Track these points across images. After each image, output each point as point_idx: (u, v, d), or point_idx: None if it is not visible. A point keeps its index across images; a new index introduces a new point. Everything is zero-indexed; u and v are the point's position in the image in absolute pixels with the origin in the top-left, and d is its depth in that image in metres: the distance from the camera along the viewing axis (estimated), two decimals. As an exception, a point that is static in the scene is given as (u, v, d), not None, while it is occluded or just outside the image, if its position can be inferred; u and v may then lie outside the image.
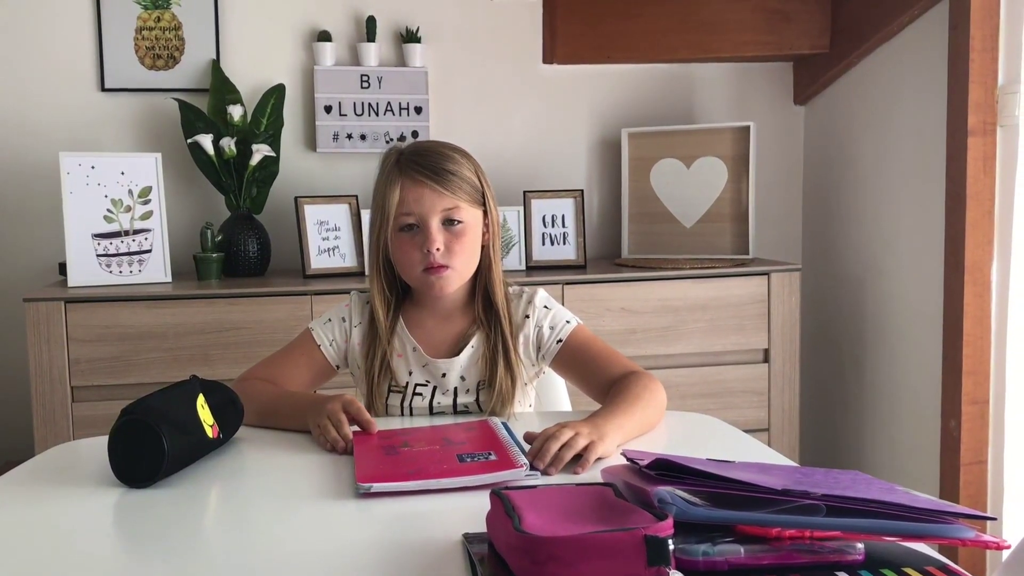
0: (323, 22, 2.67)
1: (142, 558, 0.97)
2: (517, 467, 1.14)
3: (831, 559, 0.82)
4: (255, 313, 2.26)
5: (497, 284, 1.54)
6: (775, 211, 2.95)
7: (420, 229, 1.46)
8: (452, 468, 1.15)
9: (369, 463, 1.18)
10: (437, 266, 1.45)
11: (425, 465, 1.16)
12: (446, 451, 1.22)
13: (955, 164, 2.22)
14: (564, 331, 1.53)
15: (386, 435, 1.31)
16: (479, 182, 1.50)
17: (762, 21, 2.72)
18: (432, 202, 1.45)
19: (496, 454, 1.19)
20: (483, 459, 1.17)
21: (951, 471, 2.24)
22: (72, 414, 2.21)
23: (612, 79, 2.85)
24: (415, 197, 1.45)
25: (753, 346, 2.52)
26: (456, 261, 1.46)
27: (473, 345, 1.53)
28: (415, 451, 1.23)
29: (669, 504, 0.85)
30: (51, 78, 2.58)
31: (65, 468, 1.28)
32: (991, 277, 2.20)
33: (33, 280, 2.52)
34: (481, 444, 1.24)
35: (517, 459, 1.16)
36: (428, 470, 1.14)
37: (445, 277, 1.47)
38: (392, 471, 1.14)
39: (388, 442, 1.27)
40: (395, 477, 1.12)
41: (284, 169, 2.61)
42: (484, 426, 1.34)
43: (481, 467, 1.15)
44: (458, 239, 1.46)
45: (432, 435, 1.31)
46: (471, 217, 1.48)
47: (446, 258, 1.45)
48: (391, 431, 1.35)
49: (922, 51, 2.38)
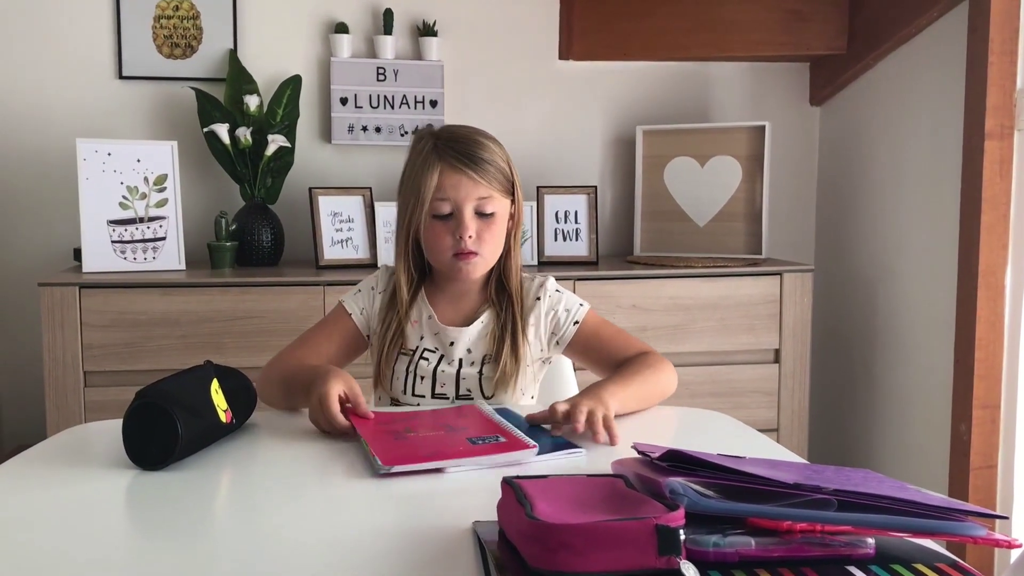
0: (340, 14, 2.68)
1: (154, 539, 0.98)
2: (529, 447, 1.17)
3: (842, 552, 0.82)
4: (268, 302, 2.27)
5: (513, 270, 1.59)
6: (789, 211, 2.94)
7: (454, 215, 1.49)
8: (468, 449, 1.17)
9: (384, 446, 1.19)
10: (467, 252, 1.49)
11: (441, 448, 1.18)
12: (453, 436, 1.24)
13: (971, 167, 2.21)
14: (579, 313, 1.57)
15: (386, 420, 1.33)
16: (510, 172, 1.54)
17: (779, 21, 2.71)
18: (468, 190, 1.48)
19: (504, 436, 1.22)
20: (494, 441, 1.20)
21: (960, 475, 2.24)
22: (84, 399, 2.22)
23: (628, 76, 2.84)
24: (452, 183, 1.48)
25: (764, 346, 2.52)
26: (485, 248, 1.51)
27: (483, 321, 1.57)
28: (422, 436, 1.25)
29: (681, 495, 0.85)
30: (69, 65, 2.59)
31: (78, 450, 1.29)
32: (1005, 281, 2.19)
33: (48, 265, 2.53)
34: (484, 428, 1.27)
35: (526, 440, 1.19)
36: (445, 451, 1.16)
37: (473, 263, 1.51)
38: (410, 453, 1.16)
39: (391, 428, 1.28)
40: (415, 459, 1.14)
41: (299, 160, 2.62)
42: (474, 411, 1.36)
43: (494, 448, 1.18)
44: (488, 227, 1.50)
45: (432, 422, 1.33)
46: (501, 207, 1.52)
47: (476, 245, 1.50)
48: (391, 415, 1.37)
49: (940, 54, 2.37)
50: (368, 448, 1.18)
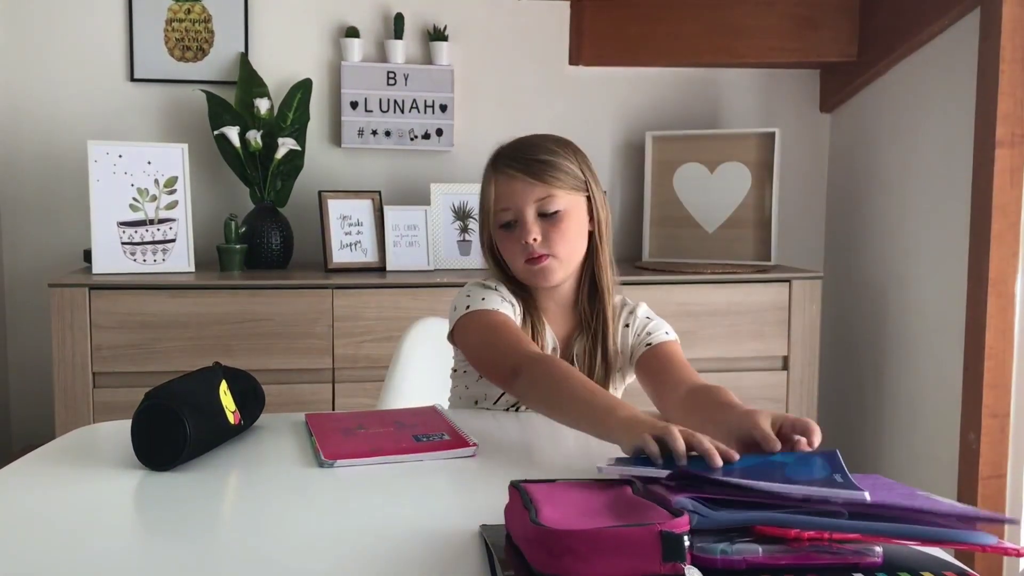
0: (351, 18, 2.68)
1: (162, 539, 0.98)
2: (469, 446, 1.21)
3: (850, 560, 0.81)
4: (276, 305, 2.28)
5: (604, 269, 1.51)
6: (798, 218, 2.94)
7: (518, 222, 1.46)
8: (411, 446, 1.22)
9: (331, 442, 1.24)
10: (537, 256, 1.44)
11: (384, 444, 1.23)
12: (400, 432, 1.28)
13: (981, 175, 2.20)
14: (658, 338, 1.50)
15: (338, 419, 1.37)
16: (579, 170, 1.48)
17: (790, 28, 2.71)
18: (525, 194, 1.44)
19: (448, 435, 1.26)
20: (437, 439, 1.25)
21: (969, 484, 2.23)
22: (93, 400, 2.23)
23: (638, 82, 2.85)
24: (508, 192, 1.46)
25: (773, 353, 2.51)
26: (557, 249, 1.45)
27: (575, 343, 1.50)
28: (371, 432, 1.29)
29: (691, 512, 0.85)
30: (81, 67, 2.60)
31: (86, 450, 1.30)
32: (1015, 290, 2.18)
33: (58, 266, 2.54)
34: (432, 426, 1.30)
35: (468, 439, 1.23)
36: (387, 448, 1.21)
37: (547, 266, 1.45)
38: (354, 449, 1.21)
39: (343, 425, 1.33)
40: (357, 454, 1.19)
41: (309, 163, 2.63)
42: (431, 411, 1.40)
43: (436, 446, 1.22)
44: (555, 227, 1.44)
45: (384, 418, 1.37)
46: (570, 204, 1.46)
47: (545, 247, 1.44)
48: (345, 415, 1.40)
49: (951, 61, 2.37)
50: (315, 443, 1.23)
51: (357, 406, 2.16)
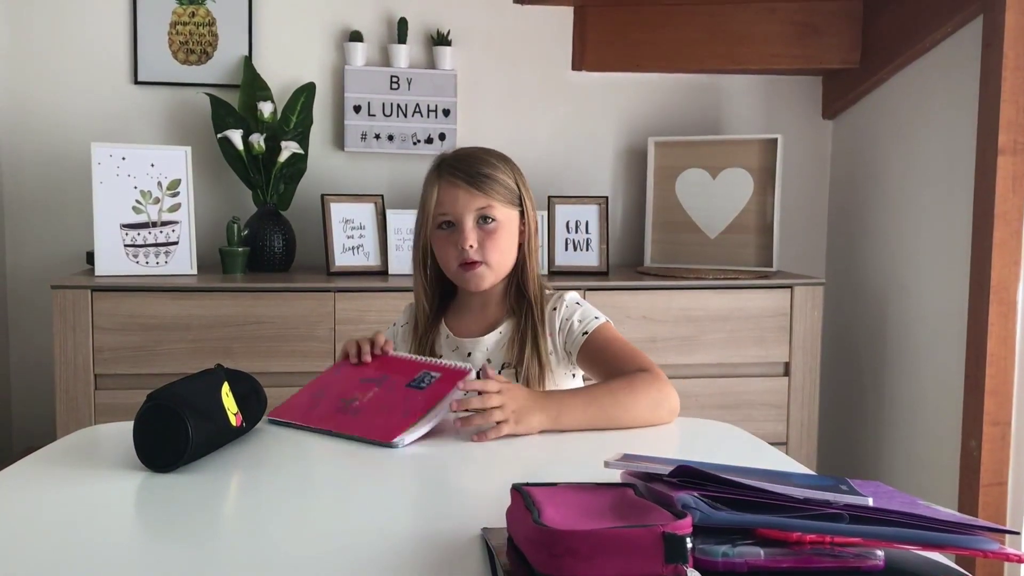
0: (355, 22, 2.69)
1: (163, 541, 0.98)
2: (466, 370, 1.33)
3: (851, 564, 0.81)
4: (279, 308, 2.28)
5: (531, 280, 1.61)
6: (800, 224, 2.94)
7: (456, 227, 1.55)
8: (425, 396, 1.30)
9: (368, 424, 1.29)
10: (470, 262, 1.55)
11: (406, 403, 1.30)
12: (392, 390, 1.34)
13: (983, 183, 2.21)
14: (591, 325, 1.57)
15: (307, 404, 1.40)
16: (515, 185, 1.59)
17: (792, 34, 2.72)
18: (466, 202, 1.54)
19: (436, 371, 1.34)
20: (433, 379, 1.32)
21: (970, 491, 2.22)
22: (94, 402, 2.23)
23: (640, 88, 2.85)
24: (451, 198, 1.55)
25: (774, 359, 2.51)
26: (489, 257, 1.55)
27: (501, 331, 1.60)
28: (370, 400, 1.34)
29: (693, 509, 0.85)
30: (85, 70, 2.61)
31: (87, 452, 1.30)
32: (1017, 297, 2.18)
33: (61, 268, 2.55)
34: (408, 369, 1.38)
35: (459, 366, 1.34)
36: (415, 407, 1.28)
37: (478, 273, 1.56)
38: (393, 420, 1.27)
39: (333, 408, 1.36)
40: (407, 422, 1.25)
41: (311, 167, 2.63)
42: (458, 375, 1.37)
43: (441, 385, 1.31)
44: (490, 236, 1.55)
45: (354, 385, 1.40)
46: (505, 216, 1.57)
47: (479, 254, 1.55)
48: (307, 398, 1.42)
49: (953, 69, 2.37)
50: (359, 437, 1.26)
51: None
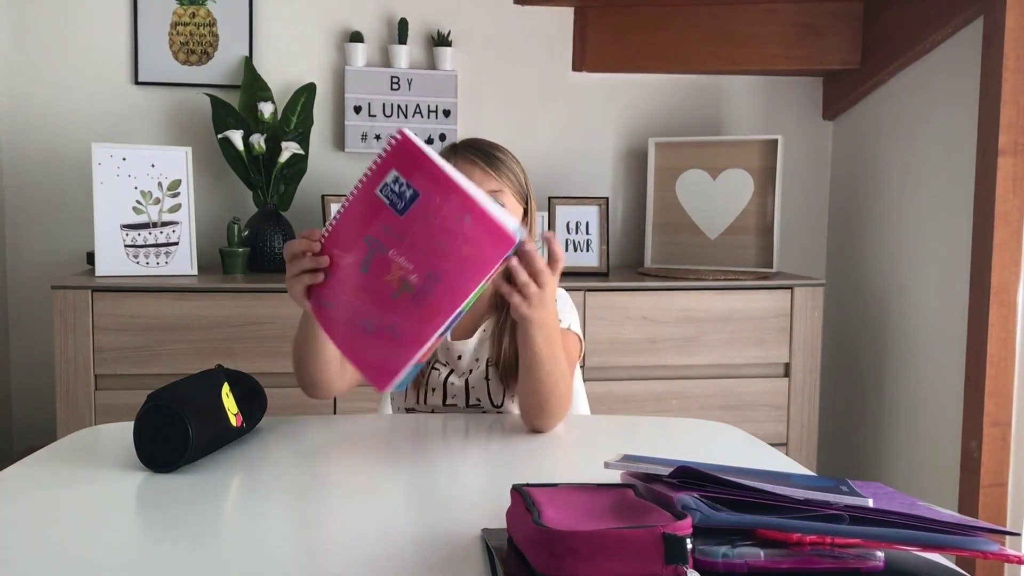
0: (355, 23, 2.69)
1: (164, 541, 0.98)
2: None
3: (851, 565, 0.81)
4: (279, 308, 2.28)
5: None
6: (800, 225, 2.94)
7: None
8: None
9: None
10: None
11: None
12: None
13: (984, 184, 2.21)
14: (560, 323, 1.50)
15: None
16: (524, 181, 1.58)
17: (793, 35, 2.72)
18: (480, 180, 1.51)
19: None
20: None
21: (970, 492, 2.22)
22: (95, 402, 2.23)
23: (640, 88, 2.85)
24: (467, 174, 1.46)
25: (774, 360, 2.51)
26: None
27: (484, 328, 1.59)
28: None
29: (693, 510, 0.85)
30: (86, 70, 2.61)
31: (88, 452, 1.30)
32: (1017, 298, 2.18)
33: (61, 268, 2.55)
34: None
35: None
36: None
37: None
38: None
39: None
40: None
41: (312, 167, 2.63)
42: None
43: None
44: None
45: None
46: (513, 207, 1.55)
47: None
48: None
49: (954, 69, 2.37)
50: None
51: (357, 410, 2.16)
